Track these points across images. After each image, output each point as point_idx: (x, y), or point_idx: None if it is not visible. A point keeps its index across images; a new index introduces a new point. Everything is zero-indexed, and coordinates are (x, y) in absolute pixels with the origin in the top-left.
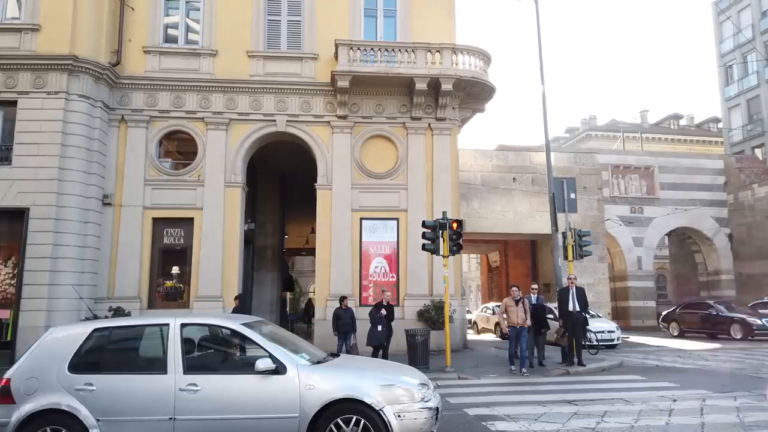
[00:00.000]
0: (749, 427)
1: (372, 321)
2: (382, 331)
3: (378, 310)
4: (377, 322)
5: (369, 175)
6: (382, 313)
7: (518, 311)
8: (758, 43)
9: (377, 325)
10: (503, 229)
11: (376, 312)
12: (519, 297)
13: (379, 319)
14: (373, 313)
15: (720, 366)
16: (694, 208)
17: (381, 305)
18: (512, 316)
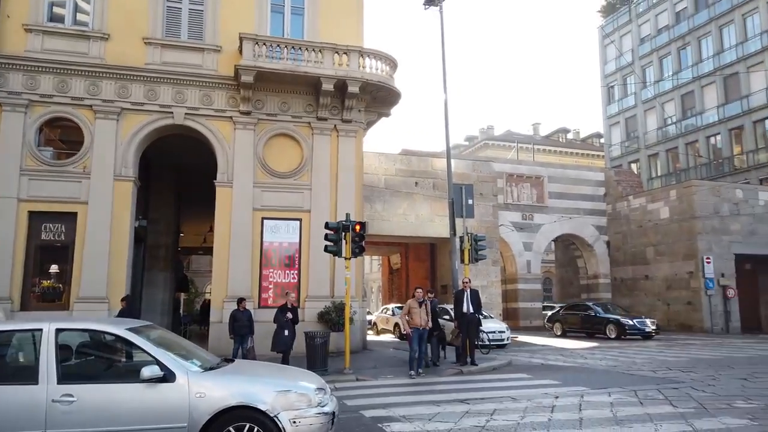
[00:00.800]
0: (621, 420)
1: (278, 325)
2: (289, 336)
3: (284, 313)
4: (284, 326)
5: (272, 174)
6: (288, 317)
7: (421, 313)
8: (637, 67)
9: (284, 329)
10: (405, 232)
11: (282, 315)
12: (422, 299)
13: (286, 323)
14: (279, 316)
15: (597, 364)
16: (578, 216)
17: (286, 308)
18: (415, 317)
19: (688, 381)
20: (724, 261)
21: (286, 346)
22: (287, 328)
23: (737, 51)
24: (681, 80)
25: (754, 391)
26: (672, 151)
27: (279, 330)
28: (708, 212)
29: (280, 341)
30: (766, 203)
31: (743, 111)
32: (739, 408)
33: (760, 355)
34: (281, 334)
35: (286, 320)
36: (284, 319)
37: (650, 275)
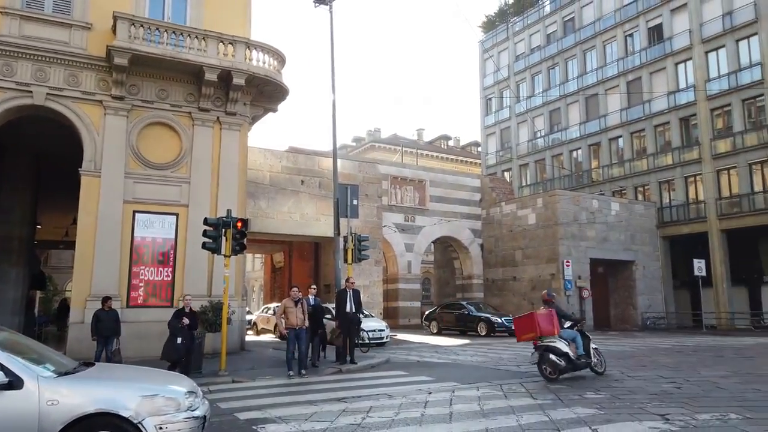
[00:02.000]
0: (487, 413)
1: (172, 332)
2: (182, 344)
3: (179, 318)
4: (176, 332)
5: (147, 164)
6: (184, 323)
7: (297, 312)
8: (512, 82)
9: (176, 337)
10: (289, 230)
11: (177, 321)
12: (298, 298)
13: (181, 329)
14: (173, 322)
15: (468, 360)
16: (456, 219)
17: (182, 312)
18: (291, 317)
19: None
20: (581, 264)
21: (177, 355)
22: (181, 335)
23: (597, 74)
24: (550, 97)
25: (601, 383)
26: (540, 162)
27: (171, 337)
28: (568, 219)
29: (171, 349)
30: (617, 213)
31: (600, 129)
32: (589, 398)
33: (608, 350)
34: (173, 342)
35: (181, 326)
36: (178, 324)
37: (518, 276)
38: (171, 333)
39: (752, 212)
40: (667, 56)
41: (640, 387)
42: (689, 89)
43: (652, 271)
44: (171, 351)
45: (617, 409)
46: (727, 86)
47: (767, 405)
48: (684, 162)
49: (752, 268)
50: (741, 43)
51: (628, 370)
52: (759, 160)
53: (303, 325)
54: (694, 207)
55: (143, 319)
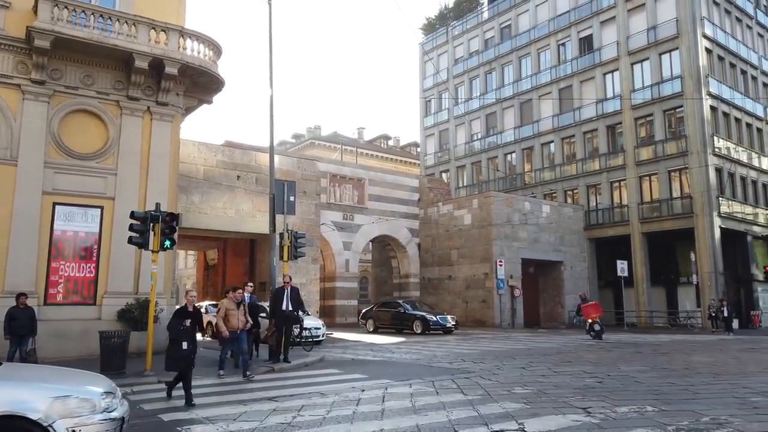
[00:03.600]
0: (418, 410)
1: (173, 336)
2: (189, 349)
3: (181, 318)
4: (179, 336)
5: (69, 154)
6: (186, 324)
7: (239, 315)
8: (450, 85)
9: (180, 342)
10: (224, 226)
11: (179, 322)
12: (241, 300)
13: (183, 331)
14: (174, 323)
15: (402, 357)
16: (394, 219)
17: (185, 312)
18: (232, 320)
19: (478, 371)
20: (513, 264)
21: (186, 363)
22: (185, 339)
23: (532, 80)
24: (486, 101)
25: (530, 378)
26: (476, 164)
27: (173, 342)
28: (502, 220)
29: (177, 357)
30: (547, 215)
31: (534, 134)
32: (517, 393)
33: (537, 347)
34: (177, 347)
35: (183, 328)
36: (180, 326)
37: (453, 276)
38: (172, 338)
39: (671, 216)
40: (596, 66)
41: (564, 382)
42: (616, 98)
43: (579, 271)
44: (177, 359)
45: (542, 404)
46: (650, 97)
47: (680, 398)
48: (610, 167)
49: (669, 270)
50: (663, 56)
51: (554, 365)
52: (677, 167)
53: (245, 327)
54: (618, 211)
55: (63, 318)
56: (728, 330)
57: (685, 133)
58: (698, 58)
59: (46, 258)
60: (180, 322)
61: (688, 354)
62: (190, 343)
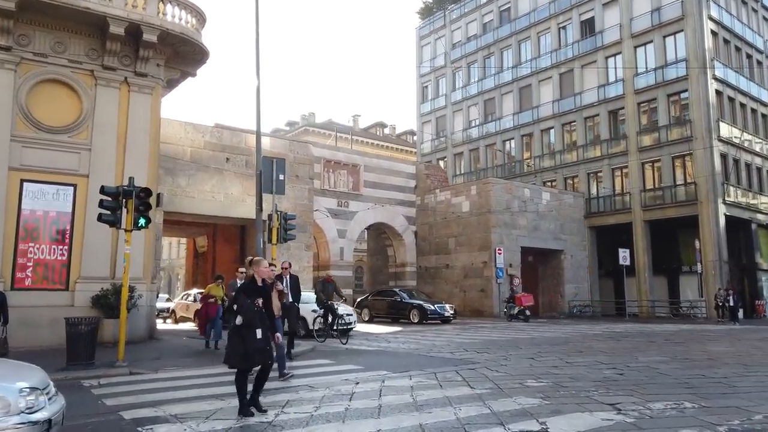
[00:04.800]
0: (421, 405)
1: (247, 319)
2: (264, 339)
3: (253, 297)
4: (255, 320)
5: (39, 127)
6: (260, 305)
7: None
8: (448, 71)
9: (255, 328)
10: (212, 211)
11: (252, 302)
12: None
13: (257, 314)
14: (248, 305)
15: (400, 347)
16: (390, 206)
17: (254, 286)
18: None
19: (483, 361)
20: (512, 253)
21: (262, 357)
22: (260, 325)
23: (532, 65)
24: (485, 87)
25: (541, 370)
26: (474, 151)
27: (245, 329)
28: (501, 207)
29: (249, 349)
30: (547, 202)
31: (533, 120)
32: (532, 387)
33: (542, 337)
34: (250, 336)
35: (257, 309)
36: (255, 307)
37: (451, 264)
38: (245, 322)
39: (674, 204)
40: (599, 49)
41: (581, 374)
42: (618, 83)
43: (579, 260)
44: (250, 353)
45: (563, 399)
46: (653, 81)
47: (717, 392)
48: (612, 154)
49: (672, 258)
50: (668, 39)
51: (565, 356)
52: (681, 153)
53: (279, 313)
54: (620, 198)
55: (32, 304)
56: (733, 319)
57: (689, 118)
58: (704, 41)
59: (13, 239)
60: (254, 302)
61: (703, 344)
62: (265, 330)
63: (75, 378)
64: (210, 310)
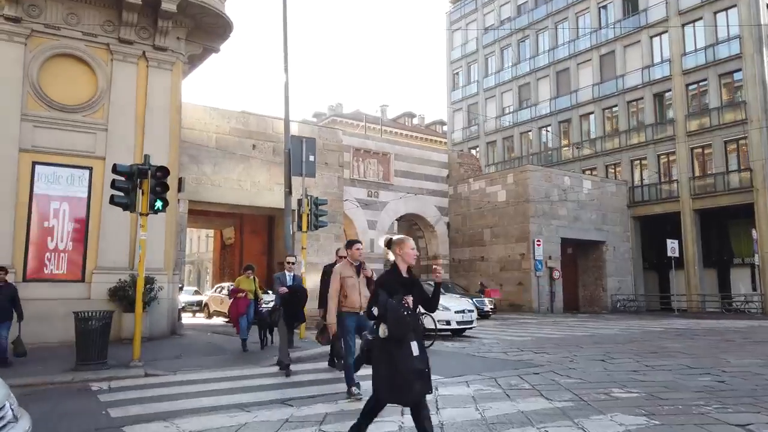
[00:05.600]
0: (494, 425)
1: (394, 326)
2: (421, 357)
3: (400, 293)
4: (407, 329)
5: (51, 105)
6: (409, 303)
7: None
8: (480, 56)
9: (409, 340)
10: (239, 200)
11: (399, 300)
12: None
13: (411, 317)
14: (394, 305)
15: (444, 346)
16: (422, 195)
17: (398, 277)
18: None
19: (546, 364)
20: (552, 244)
21: (422, 386)
22: (416, 337)
23: (569, 47)
24: (519, 72)
25: (621, 376)
26: (508, 139)
27: (388, 347)
28: (540, 197)
29: (404, 373)
30: (589, 191)
31: (571, 105)
32: (622, 399)
33: (600, 334)
34: (403, 354)
35: (408, 313)
36: (404, 307)
37: (486, 256)
38: (392, 335)
39: (726, 192)
40: (642, 29)
41: (674, 382)
42: (664, 63)
43: (622, 252)
44: (406, 381)
45: (672, 416)
46: (703, 61)
47: None
48: (657, 140)
49: (722, 250)
50: (719, 15)
51: (640, 357)
52: (735, 137)
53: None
54: (666, 186)
55: (45, 297)
56: None
57: (743, 99)
58: (759, 16)
59: (24, 226)
60: (402, 302)
61: None
62: (421, 343)
63: (84, 381)
64: (239, 306)
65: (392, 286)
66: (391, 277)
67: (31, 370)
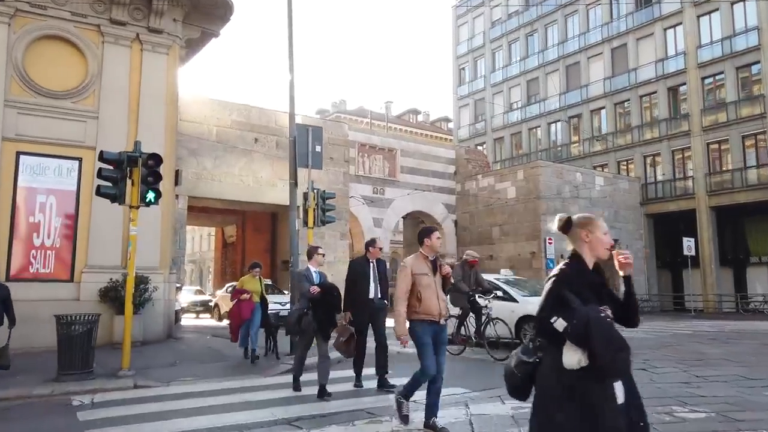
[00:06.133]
0: None
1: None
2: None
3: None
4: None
5: (38, 91)
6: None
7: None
8: (487, 50)
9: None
10: (240, 196)
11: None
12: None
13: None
14: (591, 315)
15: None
16: (429, 192)
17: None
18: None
19: None
20: (563, 242)
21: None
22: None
23: (579, 41)
24: (527, 66)
25: (675, 389)
26: (515, 135)
27: (583, 386)
28: (551, 193)
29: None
30: (601, 188)
31: (582, 100)
32: (690, 420)
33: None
34: (604, 407)
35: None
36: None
37: (495, 255)
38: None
39: (744, 188)
40: (656, 21)
41: (740, 397)
42: (679, 56)
43: (635, 250)
44: None
45: None
46: (720, 53)
47: None
48: (671, 135)
49: (738, 248)
50: (736, 6)
51: (685, 365)
52: (752, 132)
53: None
54: (681, 183)
55: (30, 298)
56: None
57: (762, 92)
58: None
59: (8, 221)
60: (602, 314)
61: None
62: (631, 385)
63: (64, 394)
64: (243, 310)
65: (578, 287)
66: (575, 273)
67: (9, 381)
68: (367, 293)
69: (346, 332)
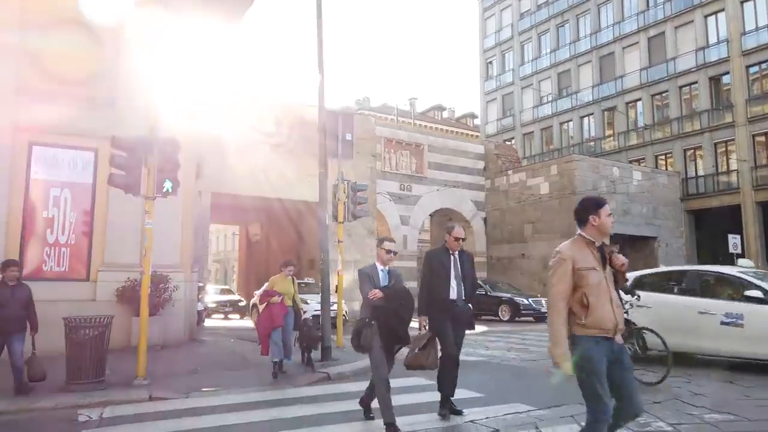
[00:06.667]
0: None
1: None
2: None
3: None
4: None
5: (53, 78)
6: None
7: (609, 282)
8: (515, 43)
9: None
10: (266, 192)
11: None
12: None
13: None
14: None
15: (509, 357)
16: (457, 188)
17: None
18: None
19: (677, 391)
20: None
21: None
22: None
23: (614, 30)
24: (558, 58)
25: (733, 404)
26: (546, 130)
27: None
28: (587, 189)
29: None
30: (639, 183)
31: (617, 92)
32: None
33: None
34: None
35: None
36: None
37: (527, 254)
38: None
39: None
40: (695, 7)
41: None
42: (721, 44)
43: (675, 248)
44: None
45: None
46: (766, 40)
47: None
48: (714, 127)
49: None
50: None
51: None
52: None
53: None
54: (725, 177)
55: (44, 298)
56: None
57: None
58: None
59: (20, 217)
60: None
61: None
62: None
63: (71, 407)
64: (274, 316)
65: None
66: None
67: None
68: (447, 293)
69: (422, 339)
